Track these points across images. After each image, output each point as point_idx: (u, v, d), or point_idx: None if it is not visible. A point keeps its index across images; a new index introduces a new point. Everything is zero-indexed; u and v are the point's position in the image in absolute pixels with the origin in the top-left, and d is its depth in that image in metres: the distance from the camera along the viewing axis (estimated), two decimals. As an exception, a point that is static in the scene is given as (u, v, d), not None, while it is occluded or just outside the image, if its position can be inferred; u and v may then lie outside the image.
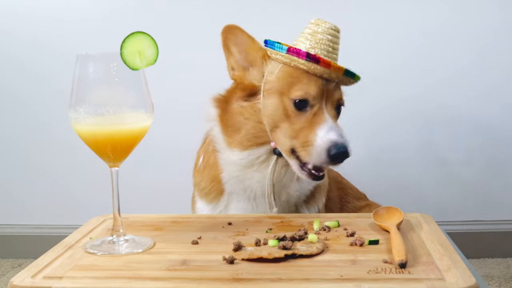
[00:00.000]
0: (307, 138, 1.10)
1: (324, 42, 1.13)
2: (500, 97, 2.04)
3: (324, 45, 1.13)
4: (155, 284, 0.79)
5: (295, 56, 1.11)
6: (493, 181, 2.08)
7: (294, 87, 1.12)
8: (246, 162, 1.20)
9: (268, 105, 1.15)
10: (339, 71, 1.11)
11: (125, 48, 0.90)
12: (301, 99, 1.11)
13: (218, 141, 1.23)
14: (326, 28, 1.14)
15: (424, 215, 1.14)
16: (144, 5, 2.04)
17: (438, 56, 2.02)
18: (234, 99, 1.21)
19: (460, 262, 0.85)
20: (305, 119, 1.11)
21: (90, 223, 1.13)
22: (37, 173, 2.16)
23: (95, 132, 0.91)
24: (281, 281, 0.78)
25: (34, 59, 2.08)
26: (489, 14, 1.99)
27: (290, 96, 1.12)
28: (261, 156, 1.19)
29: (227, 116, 1.21)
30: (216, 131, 1.23)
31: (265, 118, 1.15)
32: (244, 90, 1.19)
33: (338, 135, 1.08)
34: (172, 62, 1.99)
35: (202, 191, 1.28)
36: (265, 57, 1.18)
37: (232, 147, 1.20)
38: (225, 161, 1.22)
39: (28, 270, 0.85)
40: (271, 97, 1.15)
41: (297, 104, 1.11)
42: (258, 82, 1.17)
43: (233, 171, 1.21)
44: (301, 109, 1.12)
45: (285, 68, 1.14)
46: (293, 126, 1.12)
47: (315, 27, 1.14)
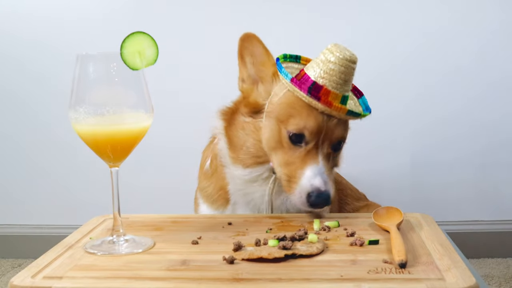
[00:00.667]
0: (294, 174, 1.07)
1: (335, 73, 1.06)
2: (500, 97, 2.03)
3: (335, 76, 1.06)
4: (155, 284, 0.79)
5: (297, 88, 1.06)
6: (493, 181, 2.08)
7: (292, 119, 1.07)
8: (249, 178, 1.17)
9: (267, 128, 1.12)
10: (340, 111, 1.06)
11: (125, 48, 0.90)
12: (297, 133, 1.07)
13: (224, 156, 1.20)
14: (340, 58, 1.06)
15: (424, 215, 1.14)
16: (144, 5, 2.04)
17: (437, 56, 2.02)
18: (239, 113, 1.18)
19: (460, 262, 0.85)
20: (298, 154, 1.08)
21: (90, 223, 1.13)
22: (37, 173, 2.16)
23: (95, 132, 0.91)
24: (281, 281, 0.78)
25: (34, 59, 2.08)
26: (489, 14, 1.99)
27: (287, 127, 1.08)
28: (263, 173, 1.17)
29: (232, 130, 1.18)
30: (222, 146, 1.20)
31: (263, 139, 1.13)
32: (248, 106, 1.16)
33: (323, 182, 1.05)
34: (172, 62, 1.99)
35: (209, 197, 1.26)
36: (275, 75, 1.13)
37: (236, 163, 1.17)
38: (230, 175, 1.20)
39: (28, 270, 0.85)
40: (271, 121, 1.11)
41: (292, 137, 1.08)
42: (263, 101, 1.14)
43: (237, 184, 1.19)
44: (296, 144, 1.08)
45: (289, 95, 1.09)
46: (285, 157, 1.09)
47: (329, 54, 1.07)
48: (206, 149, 1.35)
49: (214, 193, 1.25)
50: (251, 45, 1.15)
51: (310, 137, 1.07)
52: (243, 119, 1.16)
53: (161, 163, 2.11)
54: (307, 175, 1.06)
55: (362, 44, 2.01)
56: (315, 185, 1.04)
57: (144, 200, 2.05)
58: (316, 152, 1.08)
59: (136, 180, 2.04)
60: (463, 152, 2.07)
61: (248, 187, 1.18)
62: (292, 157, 1.08)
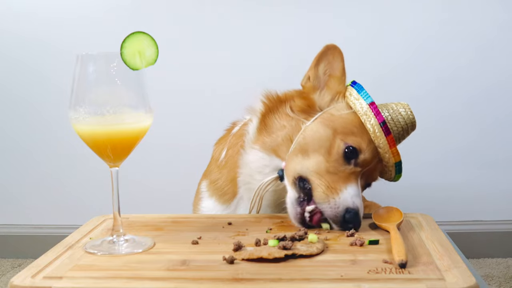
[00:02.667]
0: (336, 186, 1.04)
1: (400, 126, 1.12)
2: (500, 97, 2.03)
3: (398, 127, 1.12)
4: (155, 284, 0.79)
5: (373, 113, 1.07)
6: (493, 181, 2.08)
7: (353, 137, 1.08)
8: (256, 166, 1.16)
9: (315, 131, 1.10)
10: (395, 156, 1.09)
11: (125, 48, 0.90)
12: (353, 150, 1.07)
13: (248, 137, 1.19)
14: (409, 117, 1.14)
15: (424, 215, 1.14)
16: (144, 5, 2.04)
17: (437, 56, 2.02)
18: (286, 104, 1.18)
19: (460, 262, 0.85)
20: (343, 169, 1.06)
21: (90, 223, 1.13)
22: (37, 173, 2.16)
23: (95, 132, 0.91)
24: (281, 281, 0.78)
25: (34, 58, 2.08)
26: (489, 14, 1.99)
27: (346, 140, 1.08)
28: (269, 166, 1.16)
29: (270, 117, 1.18)
30: (252, 126, 1.20)
31: (301, 139, 1.10)
32: (304, 101, 1.16)
33: (360, 204, 1.05)
34: (172, 62, 1.99)
35: (218, 190, 1.25)
36: (342, 94, 1.16)
37: (255, 144, 1.17)
38: (245, 159, 1.18)
39: (28, 270, 0.85)
40: (324, 127, 1.10)
41: (347, 152, 1.07)
42: (320, 106, 1.15)
43: (249, 174, 1.18)
44: (346, 159, 1.07)
45: (354, 116, 1.11)
46: (328, 165, 1.06)
47: (401, 108, 1.14)
48: (219, 141, 1.34)
49: (225, 185, 1.23)
50: (333, 56, 1.16)
51: (362, 161, 1.08)
52: (288, 112, 1.16)
53: (161, 163, 2.11)
54: (350, 192, 1.04)
55: (362, 44, 2.01)
56: (356, 204, 1.03)
57: (144, 200, 2.05)
58: (358, 177, 1.08)
59: (136, 180, 2.04)
60: (463, 152, 2.07)
61: (254, 179, 1.17)
62: (336, 169, 1.06)
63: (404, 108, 1.14)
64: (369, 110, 1.08)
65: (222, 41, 2.04)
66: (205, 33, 2.04)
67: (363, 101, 1.09)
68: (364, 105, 1.09)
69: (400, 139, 1.15)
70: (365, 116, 1.08)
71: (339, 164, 1.07)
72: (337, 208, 1.03)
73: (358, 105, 1.10)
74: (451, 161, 2.07)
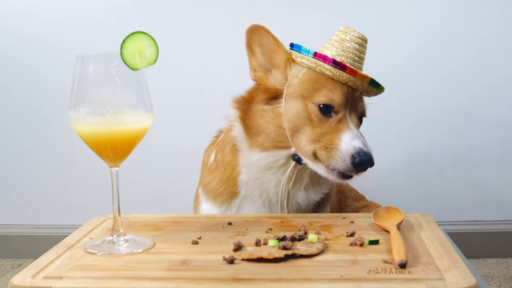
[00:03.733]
0: (331, 142, 1.08)
1: (351, 50, 1.12)
2: (500, 97, 2.04)
3: (351, 53, 1.12)
4: (155, 284, 0.79)
5: (321, 61, 1.10)
6: (493, 181, 2.08)
7: (319, 92, 1.10)
8: (265, 164, 1.18)
9: (290, 109, 1.13)
10: (364, 80, 1.10)
11: (125, 48, 0.90)
12: (326, 104, 1.10)
13: (240, 141, 1.20)
14: (354, 37, 1.13)
15: (424, 215, 1.14)
16: (144, 5, 2.04)
17: (436, 56, 2.02)
18: (255, 101, 1.19)
19: (460, 262, 0.85)
20: (329, 125, 1.10)
21: (90, 223, 1.13)
22: (37, 173, 2.16)
23: (95, 132, 0.91)
24: (281, 281, 0.78)
25: (34, 58, 2.08)
26: (489, 14, 1.99)
27: (314, 101, 1.10)
28: (280, 159, 1.17)
29: (248, 118, 1.19)
30: (238, 132, 1.21)
31: (286, 122, 1.13)
32: (266, 92, 1.17)
33: (363, 143, 1.07)
34: (172, 62, 1.99)
35: (212, 192, 1.25)
36: (290, 60, 1.16)
37: (253, 147, 1.18)
38: (245, 162, 1.20)
39: (28, 270, 0.85)
40: (294, 101, 1.13)
41: (322, 109, 1.10)
42: (281, 86, 1.16)
43: (252, 173, 1.19)
44: (326, 114, 1.10)
45: (310, 73, 1.13)
46: (316, 130, 1.10)
47: (343, 34, 1.13)
48: (208, 148, 1.35)
49: (219, 187, 1.24)
50: (259, 35, 1.17)
51: (339, 107, 1.10)
52: (261, 108, 1.17)
53: (161, 163, 2.11)
54: (346, 140, 1.07)
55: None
56: (357, 146, 1.06)
57: (144, 200, 2.05)
58: (346, 121, 1.11)
59: (136, 180, 2.04)
60: (463, 151, 2.07)
61: (263, 175, 1.18)
62: (324, 128, 1.10)
63: (345, 33, 1.13)
64: (316, 60, 1.10)
65: (222, 41, 2.04)
66: (205, 33, 2.04)
67: (308, 57, 1.12)
68: (310, 59, 1.11)
69: (361, 59, 1.15)
70: (318, 67, 1.10)
71: (323, 122, 1.10)
72: (344, 161, 1.06)
73: (306, 62, 1.12)
74: (451, 161, 2.07)
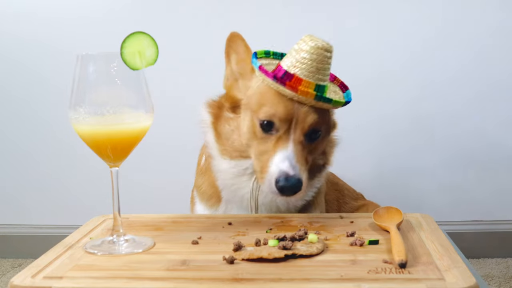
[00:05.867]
0: (264, 163, 1.06)
1: (306, 61, 1.05)
2: (500, 97, 2.03)
3: (305, 64, 1.05)
4: (155, 284, 0.79)
5: (263, 74, 1.06)
6: (493, 182, 2.08)
7: (262, 107, 1.07)
8: (236, 171, 1.17)
9: (244, 121, 1.12)
10: (308, 95, 1.04)
11: (125, 48, 0.90)
12: (267, 121, 1.07)
13: (212, 147, 1.20)
14: (312, 47, 1.05)
15: (424, 215, 1.14)
16: (144, 5, 2.04)
17: (436, 58, 2.02)
18: (224, 108, 1.19)
19: (460, 262, 0.85)
20: (270, 143, 1.07)
21: (90, 223, 1.13)
22: (37, 173, 2.16)
23: (95, 132, 0.92)
24: (281, 281, 0.78)
25: (34, 59, 2.08)
26: (489, 14, 1.99)
27: (258, 116, 1.08)
28: (249, 168, 1.15)
29: (219, 124, 1.18)
30: (209, 137, 1.20)
31: (241, 133, 1.13)
32: (228, 101, 1.17)
33: (291, 166, 1.03)
34: (173, 62, 1.99)
35: (203, 194, 1.26)
36: (253, 71, 1.14)
37: (224, 155, 1.17)
38: (218, 168, 1.19)
39: (28, 270, 0.85)
40: (247, 114, 1.12)
41: (263, 126, 1.07)
42: (242, 96, 1.14)
43: (226, 179, 1.18)
44: (267, 132, 1.07)
45: (261, 86, 1.09)
46: (259, 147, 1.08)
47: (302, 44, 1.07)
48: (202, 148, 1.35)
49: (208, 190, 1.25)
50: (235, 44, 1.16)
51: (280, 124, 1.06)
52: (228, 115, 1.17)
53: (161, 163, 2.11)
54: (276, 161, 1.04)
55: (361, 44, 2.01)
56: (282, 169, 1.02)
57: (144, 200, 2.05)
58: (287, 138, 1.06)
59: (136, 180, 2.04)
60: (463, 152, 2.07)
61: (238, 181, 1.17)
62: (264, 146, 1.08)
63: (305, 42, 1.06)
64: (261, 73, 1.07)
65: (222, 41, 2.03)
66: (205, 33, 2.03)
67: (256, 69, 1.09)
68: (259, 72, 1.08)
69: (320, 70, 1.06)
70: (265, 80, 1.07)
71: (265, 140, 1.08)
72: (270, 185, 1.04)
73: (257, 73, 1.09)
74: (451, 161, 2.07)
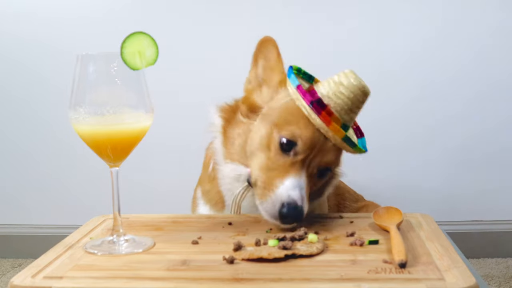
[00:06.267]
0: (272, 181, 1.01)
1: (343, 98, 1.02)
2: (499, 98, 2.03)
3: (341, 100, 1.02)
4: (155, 284, 0.79)
5: (300, 95, 1.02)
6: (492, 181, 2.08)
7: (288, 126, 1.03)
8: (234, 175, 1.14)
9: (257, 130, 1.08)
10: (337, 133, 1.01)
11: (125, 48, 0.90)
12: (290, 140, 1.02)
13: (218, 153, 1.18)
14: (353, 85, 1.02)
15: (424, 215, 1.14)
16: (144, 5, 2.04)
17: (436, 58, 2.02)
18: (238, 111, 1.16)
19: (460, 262, 0.85)
20: (282, 163, 1.02)
21: (90, 223, 1.13)
22: (37, 173, 2.16)
23: (95, 132, 0.92)
24: (281, 281, 0.78)
25: (34, 59, 2.08)
26: (489, 14, 1.99)
27: (280, 132, 1.03)
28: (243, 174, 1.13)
29: (229, 128, 1.16)
30: (217, 143, 1.18)
31: (248, 140, 1.09)
32: (246, 105, 1.14)
33: (300, 196, 0.99)
34: (172, 62, 1.99)
35: (211, 200, 1.24)
36: (282, 83, 1.11)
37: (226, 158, 1.15)
38: (222, 173, 1.17)
39: (28, 270, 0.85)
40: (263, 124, 1.08)
41: (283, 143, 1.02)
42: (263, 103, 1.12)
43: (227, 183, 1.17)
44: (284, 151, 1.03)
45: (291, 103, 1.05)
46: (268, 161, 1.04)
47: (343, 77, 1.03)
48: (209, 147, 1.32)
49: (216, 196, 1.23)
50: (266, 49, 1.13)
51: (301, 148, 1.02)
52: (241, 119, 1.15)
53: (161, 163, 2.11)
54: (287, 185, 1.00)
55: (361, 44, 2.01)
56: (292, 197, 0.98)
57: (144, 200, 2.05)
58: (302, 166, 1.03)
59: (136, 180, 2.04)
60: (463, 151, 2.07)
61: (235, 186, 1.15)
62: (276, 163, 1.03)
63: (347, 76, 1.03)
64: (297, 93, 1.03)
65: (223, 41, 2.04)
66: (205, 33, 2.04)
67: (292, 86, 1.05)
68: (293, 89, 1.04)
69: (352, 110, 1.05)
70: (297, 100, 1.03)
71: (278, 157, 1.03)
72: (273, 206, 0.99)
73: (290, 91, 1.05)
74: (450, 161, 2.07)
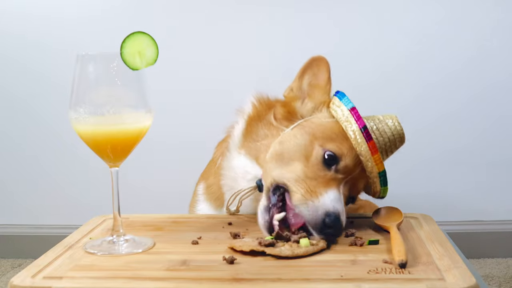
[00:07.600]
0: (314, 189, 0.99)
1: (384, 136, 1.07)
2: (499, 97, 2.03)
3: (383, 138, 1.06)
4: (155, 284, 0.79)
5: (353, 118, 1.03)
6: (493, 181, 2.08)
7: (333, 142, 1.03)
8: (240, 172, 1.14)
9: (292, 138, 1.07)
10: (378, 164, 1.03)
11: (125, 48, 0.90)
12: (334, 155, 1.02)
13: (234, 140, 1.17)
14: (397, 129, 1.08)
15: (424, 215, 1.14)
16: (144, 4, 2.04)
17: (436, 58, 2.02)
18: (272, 111, 1.15)
19: (460, 262, 0.85)
20: (323, 175, 1.01)
21: (90, 223, 1.13)
22: (37, 173, 2.15)
23: (95, 132, 0.92)
24: (281, 281, 0.78)
25: (34, 58, 2.08)
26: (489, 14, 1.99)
27: (325, 146, 1.03)
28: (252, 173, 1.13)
29: (257, 122, 1.15)
30: (237, 130, 1.17)
31: (277, 145, 1.07)
32: (285, 108, 1.14)
33: (342, 210, 0.99)
34: (173, 62, 1.99)
35: (213, 195, 1.23)
36: (325, 104, 1.12)
37: (241, 149, 1.15)
38: (228, 164, 1.16)
39: (28, 270, 0.85)
40: (301, 133, 1.07)
41: (327, 157, 1.02)
42: (302, 114, 1.13)
43: (230, 178, 1.16)
44: (326, 165, 1.02)
45: (334, 123, 1.07)
46: (307, 170, 1.02)
47: (389, 119, 1.08)
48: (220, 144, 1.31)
49: (218, 191, 1.22)
50: (317, 68, 1.14)
51: (343, 167, 1.03)
52: (271, 120, 1.14)
53: (161, 163, 2.11)
54: (331, 196, 0.99)
55: (361, 44, 2.01)
56: (336, 208, 0.98)
57: (144, 200, 2.05)
58: (339, 184, 1.03)
59: (136, 180, 2.04)
60: (463, 151, 2.07)
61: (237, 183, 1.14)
62: (316, 174, 1.01)
63: (392, 119, 1.09)
64: (350, 115, 1.04)
65: (223, 41, 2.04)
66: (205, 33, 2.04)
67: (344, 108, 1.05)
68: (345, 111, 1.05)
69: (387, 152, 1.10)
70: (346, 122, 1.04)
71: (319, 170, 1.02)
72: (316, 212, 0.97)
73: (339, 112, 1.06)
74: (451, 161, 2.07)
